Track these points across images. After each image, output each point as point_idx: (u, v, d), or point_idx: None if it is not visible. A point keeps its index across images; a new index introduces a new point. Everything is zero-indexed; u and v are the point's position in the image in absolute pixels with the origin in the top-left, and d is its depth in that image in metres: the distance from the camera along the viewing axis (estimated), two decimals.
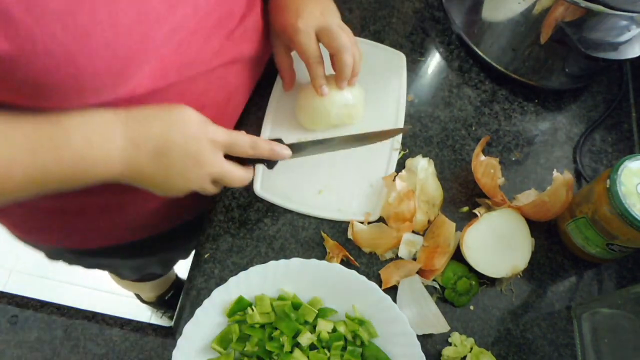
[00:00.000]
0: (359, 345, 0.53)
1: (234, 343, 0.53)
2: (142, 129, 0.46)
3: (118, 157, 0.45)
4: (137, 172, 0.47)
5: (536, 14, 0.63)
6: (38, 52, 0.34)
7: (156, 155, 0.47)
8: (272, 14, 0.62)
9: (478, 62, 0.75)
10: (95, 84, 0.39)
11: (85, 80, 0.38)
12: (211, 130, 0.50)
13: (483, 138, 0.65)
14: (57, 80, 0.37)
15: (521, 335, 0.58)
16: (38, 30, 0.33)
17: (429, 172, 0.64)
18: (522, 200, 0.63)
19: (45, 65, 0.35)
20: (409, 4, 0.79)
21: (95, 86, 0.40)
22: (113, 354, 0.56)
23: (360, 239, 0.60)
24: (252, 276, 0.54)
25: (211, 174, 0.51)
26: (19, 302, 0.58)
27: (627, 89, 0.75)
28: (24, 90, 0.38)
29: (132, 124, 0.46)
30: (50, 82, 0.37)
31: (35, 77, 0.36)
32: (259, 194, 0.62)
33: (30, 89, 0.37)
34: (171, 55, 0.47)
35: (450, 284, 0.58)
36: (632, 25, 0.60)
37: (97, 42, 0.36)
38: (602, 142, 0.71)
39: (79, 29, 0.35)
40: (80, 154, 0.43)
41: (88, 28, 0.35)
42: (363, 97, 0.65)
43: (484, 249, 0.58)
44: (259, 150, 0.53)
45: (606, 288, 0.62)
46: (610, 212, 0.53)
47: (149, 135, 0.46)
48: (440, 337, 0.57)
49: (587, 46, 0.60)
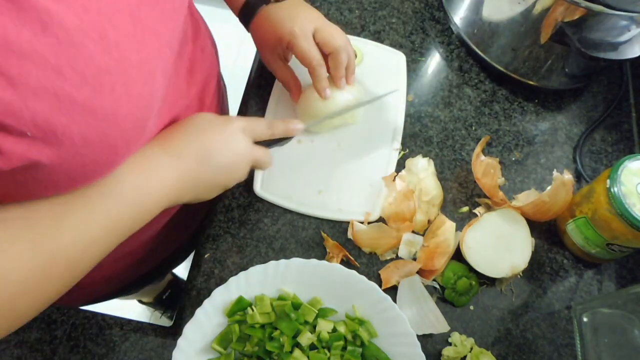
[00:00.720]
0: (359, 345, 0.53)
1: (234, 343, 0.53)
2: (178, 142, 0.48)
3: (170, 175, 0.46)
4: (192, 181, 0.49)
5: (536, 14, 0.63)
6: (77, 146, 0.34)
7: (203, 159, 0.49)
8: (262, 30, 0.61)
9: (478, 62, 0.75)
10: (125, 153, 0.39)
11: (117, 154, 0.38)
12: (234, 121, 0.53)
13: (483, 138, 0.65)
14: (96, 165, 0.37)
15: (521, 335, 0.58)
16: (74, 125, 0.33)
17: (429, 172, 0.64)
18: (522, 200, 0.63)
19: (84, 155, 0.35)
20: (409, 4, 0.79)
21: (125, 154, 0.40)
22: (113, 354, 0.56)
23: (360, 239, 0.60)
24: (252, 276, 0.54)
25: (250, 161, 0.54)
26: None
27: (627, 89, 0.75)
28: (60, 185, 0.37)
29: (167, 142, 0.47)
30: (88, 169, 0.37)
31: (73, 170, 0.36)
32: (259, 194, 0.62)
33: (67, 182, 0.37)
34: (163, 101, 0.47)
35: (450, 284, 0.58)
36: (632, 25, 0.60)
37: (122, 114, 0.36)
38: (602, 142, 0.71)
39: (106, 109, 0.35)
40: (137, 186, 0.44)
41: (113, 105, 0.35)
42: (364, 95, 0.65)
43: (484, 249, 0.58)
44: (275, 129, 0.56)
45: (606, 288, 0.62)
46: (610, 212, 0.53)
47: (186, 144, 0.48)
48: (440, 337, 0.57)
49: (587, 46, 0.60)
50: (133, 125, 0.38)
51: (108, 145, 0.36)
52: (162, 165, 0.46)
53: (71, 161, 0.35)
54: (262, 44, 0.63)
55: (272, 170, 0.63)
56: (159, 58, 0.40)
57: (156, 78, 0.40)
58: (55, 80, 0.31)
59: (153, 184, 0.45)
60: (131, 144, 0.39)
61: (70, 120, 0.32)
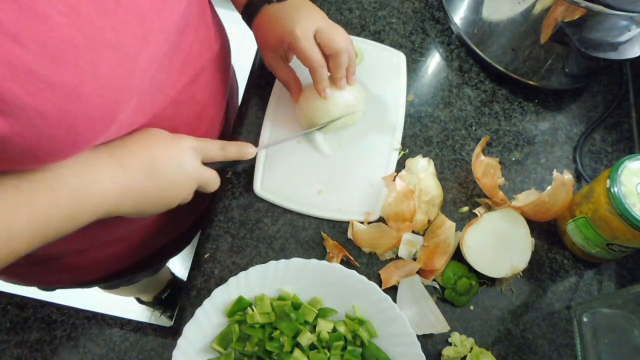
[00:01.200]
0: (359, 345, 0.53)
1: (234, 343, 0.53)
2: (125, 152, 0.46)
3: (111, 185, 0.44)
4: (134, 194, 0.47)
5: (536, 14, 0.63)
6: (32, 120, 0.33)
7: (147, 174, 0.47)
8: (263, 29, 0.61)
9: (478, 62, 0.75)
10: (89, 135, 0.38)
11: (79, 133, 0.37)
12: (185, 140, 0.52)
13: (483, 138, 0.65)
14: (54, 142, 0.36)
15: (521, 335, 0.58)
16: (29, 98, 0.32)
17: (429, 172, 0.64)
18: (522, 200, 0.63)
19: (41, 131, 0.34)
20: (409, 4, 0.79)
21: (88, 137, 0.38)
22: (113, 354, 0.56)
23: (360, 239, 0.60)
24: (252, 276, 0.54)
25: (196, 181, 0.52)
26: (19, 302, 0.58)
27: (627, 89, 0.75)
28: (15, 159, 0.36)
29: (115, 151, 0.46)
30: (46, 146, 0.36)
31: (31, 145, 0.35)
32: (258, 194, 0.62)
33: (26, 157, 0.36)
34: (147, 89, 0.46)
35: (450, 284, 0.58)
36: (632, 25, 0.60)
37: (86, 93, 0.35)
38: (602, 142, 0.71)
39: (67, 85, 0.33)
40: (74, 190, 0.42)
41: (75, 81, 0.34)
42: (364, 97, 0.65)
43: (484, 249, 0.58)
44: (228, 152, 0.56)
45: (606, 288, 0.62)
46: (610, 212, 0.53)
47: (134, 156, 0.46)
48: (440, 337, 0.57)
49: (587, 46, 0.60)
50: (100, 107, 0.37)
51: (68, 123, 0.35)
52: (105, 174, 0.44)
53: (25, 134, 0.33)
54: (263, 43, 0.63)
55: (272, 170, 0.63)
56: (146, 43, 0.39)
57: (138, 62, 0.39)
58: (11, 48, 0.30)
59: (91, 191, 0.43)
60: (97, 125, 0.38)
61: (24, 92, 0.31)
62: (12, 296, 0.59)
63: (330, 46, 0.58)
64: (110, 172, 0.44)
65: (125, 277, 0.85)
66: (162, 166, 0.48)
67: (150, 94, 0.47)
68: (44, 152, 0.36)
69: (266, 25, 0.61)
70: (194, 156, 0.52)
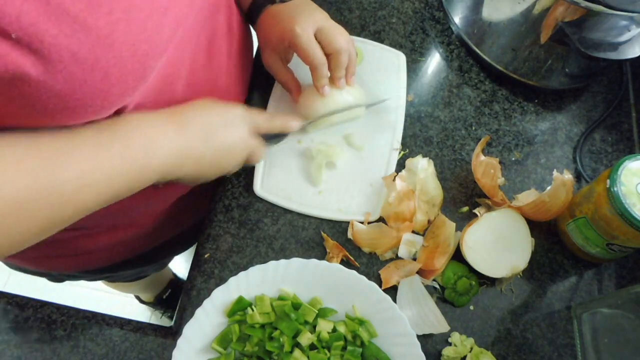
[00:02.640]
0: (359, 345, 0.53)
1: (234, 343, 0.53)
2: (184, 117, 0.48)
3: (174, 145, 0.46)
4: (193, 156, 0.49)
5: (536, 14, 0.63)
6: (65, 62, 0.33)
7: (204, 138, 0.49)
8: (266, 28, 0.62)
9: (478, 62, 0.75)
10: (121, 87, 0.39)
11: (112, 84, 0.37)
12: (238, 110, 0.54)
13: (483, 138, 0.65)
14: (85, 89, 0.36)
15: (521, 335, 0.58)
16: (64, 39, 0.32)
17: (429, 172, 0.64)
18: (522, 200, 0.63)
19: (73, 74, 0.34)
20: (409, 4, 0.79)
21: (121, 89, 0.39)
22: (113, 354, 0.56)
23: (360, 239, 0.60)
24: (252, 276, 0.54)
25: (246, 149, 0.54)
26: (19, 302, 0.58)
27: (627, 89, 0.75)
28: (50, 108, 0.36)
29: (175, 117, 0.48)
30: (78, 92, 0.36)
31: (63, 91, 0.35)
32: (259, 194, 0.62)
33: (58, 105, 0.36)
34: (175, 52, 0.47)
35: (450, 284, 0.58)
36: (632, 25, 0.60)
37: (119, 41, 0.36)
38: (602, 142, 0.71)
39: (101, 30, 0.34)
40: (143, 149, 0.44)
41: (109, 28, 0.35)
42: (363, 97, 0.65)
43: (484, 249, 0.58)
44: (274, 124, 0.57)
45: (606, 288, 0.62)
46: (610, 212, 0.53)
47: (192, 121, 0.49)
48: (440, 337, 0.57)
49: (587, 46, 0.60)
50: (132, 57, 0.37)
51: (101, 70, 0.35)
52: (168, 134, 0.46)
53: (58, 77, 0.33)
54: (265, 42, 0.63)
55: (272, 171, 0.64)
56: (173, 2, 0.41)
57: (166, 17, 0.40)
58: None
59: (157, 150, 0.45)
60: (129, 78, 0.38)
61: (59, 32, 0.32)
62: (12, 296, 0.59)
63: (330, 45, 0.58)
64: (173, 135, 0.47)
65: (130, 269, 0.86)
66: (217, 132, 0.50)
67: (176, 63, 0.48)
68: (76, 101, 0.36)
69: (268, 24, 0.61)
70: (246, 125, 0.54)
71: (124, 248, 0.73)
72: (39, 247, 0.65)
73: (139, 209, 0.64)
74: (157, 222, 0.70)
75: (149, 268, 0.99)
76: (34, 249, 0.63)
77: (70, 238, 0.63)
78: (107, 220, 0.63)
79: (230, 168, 0.54)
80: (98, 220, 0.60)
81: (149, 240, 0.75)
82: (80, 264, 0.73)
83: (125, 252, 0.75)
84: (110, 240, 0.68)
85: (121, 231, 0.67)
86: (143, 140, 0.44)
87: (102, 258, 0.73)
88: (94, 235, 0.65)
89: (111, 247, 0.70)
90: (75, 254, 0.69)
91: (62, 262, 0.71)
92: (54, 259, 0.70)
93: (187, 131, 0.48)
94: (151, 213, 0.68)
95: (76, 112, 0.37)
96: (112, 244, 0.69)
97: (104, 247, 0.69)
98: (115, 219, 0.63)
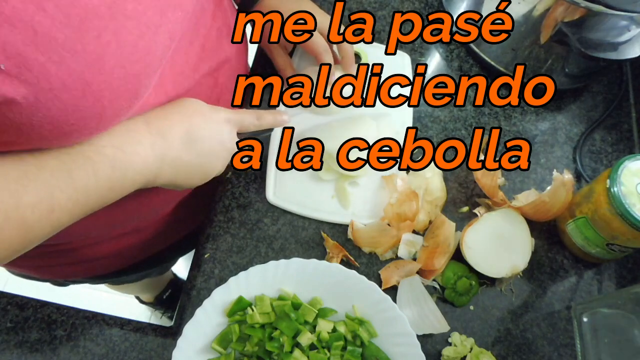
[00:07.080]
0: (359, 345, 0.53)
1: (234, 343, 0.53)
2: (164, 121, 0.46)
3: (151, 153, 0.45)
4: (173, 162, 0.47)
5: (536, 14, 0.63)
6: (55, 89, 0.33)
7: (186, 143, 0.47)
8: None
9: (478, 62, 0.75)
10: (114, 109, 0.38)
11: (104, 107, 0.37)
12: (222, 111, 0.52)
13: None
14: (78, 114, 0.35)
15: (521, 335, 0.58)
16: (52, 66, 0.32)
17: (436, 172, 0.64)
18: (522, 200, 0.63)
19: (64, 101, 0.34)
20: (409, 4, 0.79)
21: (113, 111, 0.38)
22: (113, 354, 0.56)
23: (360, 238, 0.60)
24: (252, 276, 0.54)
25: (232, 151, 0.53)
26: (19, 302, 0.58)
27: (627, 89, 0.75)
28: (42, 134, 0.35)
29: (153, 121, 0.46)
30: (71, 118, 0.35)
31: (56, 118, 0.34)
32: (272, 202, 0.62)
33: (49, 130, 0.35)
34: (168, 67, 0.46)
35: (450, 284, 0.58)
36: (632, 25, 0.60)
37: (110, 65, 0.35)
38: (602, 142, 0.71)
39: (90, 55, 0.33)
40: (113, 161, 0.42)
41: (98, 51, 0.34)
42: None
43: (484, 249, 0.58)
44: (264, 121, 0.55)
45: (606, 288, 0.62)
46: (610, 212, 0.53)
47: (172, 125, 0.47)
48: (440, 337, 0.57)
49: (587, 46, 0.60)
50: (123, 79, 0.36)
51: (92, 94, 0.35)
52: (144, 144, 0.44)
53: (50, 105, 0.33)
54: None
55: (284, 177, 0.63)
56: (165, 18, 0.39)
57: (158, 36, 0.39)
58: (34, 14, 0.30)
59: (131, 161, 0.43)
60: (121, 99, 0.38)
61: (48, 59, 0.31)
62: (12, 296, 0.59)
63: None
64: (149, 142, 0.44)
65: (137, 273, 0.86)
66: (200, 136, 0.48)
67: (170, 73, 0.47)
68: (70, 126, 0.36)
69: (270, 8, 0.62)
70: (231, 127, 0.52)
71: (129, 254, 0.73)
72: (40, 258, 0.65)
73: (143, 216, 0.63)
74: (161, 227, 0.70)
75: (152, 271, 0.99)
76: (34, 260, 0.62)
77: (74, 248, 0.63)
78: (110, 230, 0.62)
79: (215, 173, 0.53)
80: (101, 230, 0.61)
81: (154, 245, 0.74)
82: (84, 271, 0.73)
83: (129, 258, 0.74)
84: (115, 247, 0.68)
85: (125, 239, 0.67)
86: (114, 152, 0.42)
87: (107, 265, 0.73)
88: (97, 244, 0.65)
89: (115, 255, 0.70)
90: (79, 262, 0.68)
91: (65, 270, 0.71)
92: (57, 267, 0.69)
93: (166, 137, 0.46)
94: (155, 219, 0.67)
95: (72, 135, 0.37)
96: (116, 252, 0.69)
97: (108, 254, 0.69)
98: (119, 228, 0.63)
